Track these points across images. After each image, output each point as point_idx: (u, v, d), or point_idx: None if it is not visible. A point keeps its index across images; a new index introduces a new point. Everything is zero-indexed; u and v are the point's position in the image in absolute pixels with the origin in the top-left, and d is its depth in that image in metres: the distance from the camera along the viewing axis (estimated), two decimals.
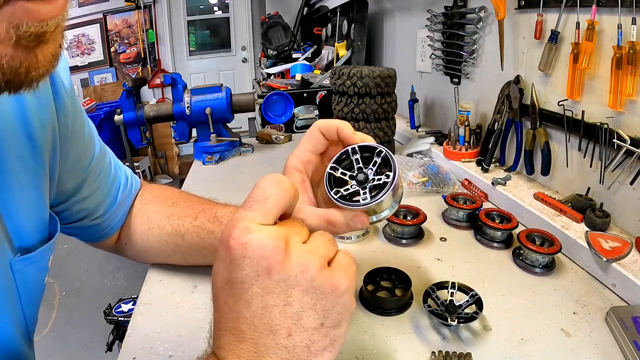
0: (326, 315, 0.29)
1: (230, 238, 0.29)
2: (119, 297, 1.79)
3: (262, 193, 0.31)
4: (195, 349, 0.51)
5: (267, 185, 0.32)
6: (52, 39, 0.25)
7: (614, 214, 0.70)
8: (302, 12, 2.92)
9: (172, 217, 0.62)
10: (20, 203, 0.41)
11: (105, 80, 4.55)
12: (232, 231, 0.29)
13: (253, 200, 0.31)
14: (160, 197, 0.65)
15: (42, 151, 0.43)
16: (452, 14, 1.13)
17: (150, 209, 0.63)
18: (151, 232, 0.62)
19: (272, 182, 0.32)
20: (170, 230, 0.61)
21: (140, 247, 0.64)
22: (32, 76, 0.26)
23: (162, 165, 4.34)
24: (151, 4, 4.41)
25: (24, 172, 0.41)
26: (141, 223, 0.63)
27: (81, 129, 0.52)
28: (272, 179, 0.32)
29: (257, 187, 0.32)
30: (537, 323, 0.54)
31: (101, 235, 0.60)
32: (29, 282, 0.43)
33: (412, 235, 0.76)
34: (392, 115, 1.14)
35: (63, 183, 0.50)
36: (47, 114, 0.44)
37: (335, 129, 0.40)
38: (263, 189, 0.31)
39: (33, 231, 0.43)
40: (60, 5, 0.24)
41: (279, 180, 0.32)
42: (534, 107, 0.85)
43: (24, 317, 0.43)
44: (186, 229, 0.61)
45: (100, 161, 0.57)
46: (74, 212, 0.54)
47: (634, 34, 0.61)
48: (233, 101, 1.29)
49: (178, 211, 0.62)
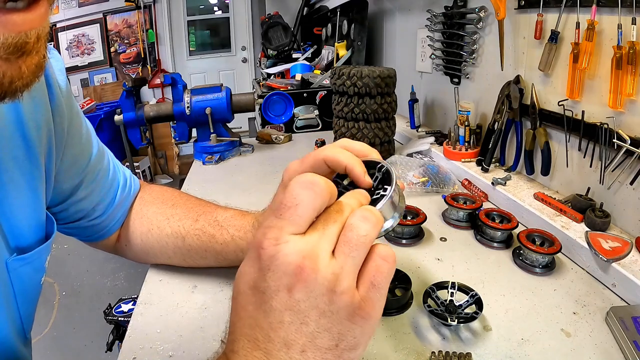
0: (341, 338, 0.28)
1: (260, 247, 0.28)
2: (119, 297, 1.78)
3: (294, 198, 0.29)
4: (195, 349, 0.51)
5: (299, 188, 0.29)
6: (35, 50, 0.25)
7: (614, 214, 0.70)
8: (302, 12, 2.92)
9: (172, 218, 0.62)
10: (16, 203, 0.41)
11: (105, 80, 4.55)
12: (263, 241, 0.28)
13: (284, 207, 0.29)
14: (160, 198, 0.65)
15: (37, 152, 0.43)
16: (452, 14, 1.13)
17: (150, 210, 0.63)
18: (151, 233, 0.62)
19: (304, 184, 0.30)
20: (170, 232, 0.61)
21: (140, 248, 0.64)
22: (15, 86, 0.25)
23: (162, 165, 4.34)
24: (151, 4, 4.41)
25: (19, 172, 0.41)
26: (141, 224, 0.63)
27: (78, 130, 0.52)
28: (305, 181, 0.30)
29: (288, 191, 0.30)
30: (537, 323, 0.54)
31: (99, 235, 0.60)
32: (25, 283, 0.43)
33: (412, 235, 0.76)
34: (392, 115, 1.14)
35: (60, 184, 0.50)
36: (42, 115, 0.44)
37: (344, 167, 0.36)
38: (295, 194, 0.29)
39: (29, 231, 0.43)
40: (40, 15, 0.24)
41: (313, 182, 0.30)
42: (534, 107, 0.85)
43: (19, 316, 0.43)
44: (186, 231, 0.61)
45: (99, 162, 0.57)
46: (72, 212, 0.54)
47: (634, 34, 0.61)
48: (233, 101, 1.29)
49: (178, 213, 0.62)
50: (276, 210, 0.29)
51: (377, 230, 0.30)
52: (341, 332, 0.28)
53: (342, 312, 0.28)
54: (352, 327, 0.28)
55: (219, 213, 0.61)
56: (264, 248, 0.28)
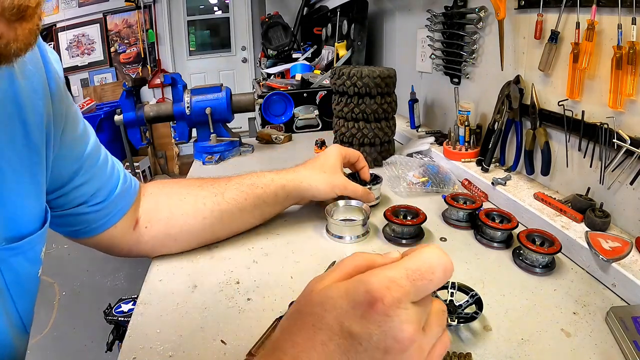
0: None
1: (380, 300, 0.27)
2: (119, 297, 1.79)
3: (431, 273, 0.29)
4: (195, 349, 0.51)
5: (439, 267, 0.29)
6: (32, 16, 0.27)
7: (614, 214, 0.70)
8: (302, 12, 2.92)
9: (205, 185, 0.68)
10: (14, 189, 0.40)
11: (105, 80, 4.55)
12: (386, 295, 0.27)
13: (421, 274, 0.29)
14: (178, 182, 0.70)
15: (36, 137, 0.43)
16: (452, 14, 1.13)
17: (174, 187, 0.68)
18: (183, 202, 0.66)
19: (444, 266, 0.30)
20: (206, 194, 0.67)
21: (164, 225, 0.65)
22: (10, 48, 0.26)
23: (162, 165, 4.35)
24: (151, 4, 4.41)
25: (17, 157, 0.40)
26: (168, 197, 0.66)
27: (76, 117, 0.52)
28: (447, 263, 0.30)
29: (428, 261, 0.29)
30: (537, 323, 0.54)
31: (101, 224, 0.58)
32: (20, 275, 0.42)
33: (412, 235, 0.76)
34: (392, 115, 1.14)
35: (58, 169, 0.50)
36: (41, 99, 0.43)
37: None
38: (433, 269, 0.29)
39: (29, 219, 0.42)
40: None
41: (449, 267, 0.30)
42: (534, 107, 0.85)
43: (15, 310, 0.43)
44: (224, 189, 0.67)
45: (96, 151, 0.57)
46: (72, 198, 0.53)
47: (634, 34, 0.61)
48: (233, 101, 1.29)
49: (207, 185, 0.69)
50: (409, 270, 0.29)
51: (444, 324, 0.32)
52: None
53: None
54: None
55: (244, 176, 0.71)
56: (384, 303, 0.27)
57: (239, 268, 0.67)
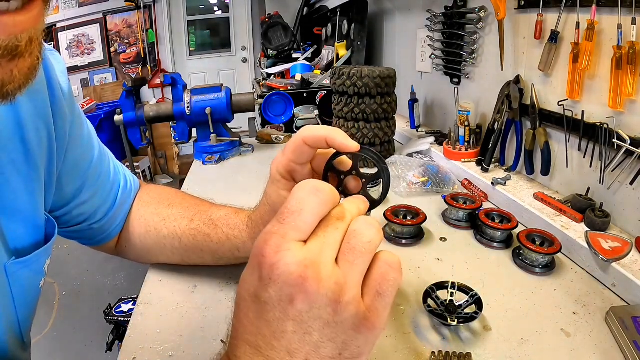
0: (345, 347, 0.28)
1: (261, 255, 0.27)
2: (119, 297, 1.78)
3: (298, 203, 0.28)
4: (195, 349, 0.51)
5: (303, 194, 0.29)
6: (28, 53, 0.24)
7: (614, 214, 0.70)
8: (302, 12, 2.92)
9: (169, 219, 0.62)
10: (14, 206, 0.41)
11: (105, 80, 4.55)
12: (264, 248, 0.27)
13: (287, 212, 0.28)
14: (157, 198, 0.66)
15: (36, 156, 0.43)
16: (452, 14, 1.13)
17: (147, 211, 0.64)
18: (149, 234, 0.62)
19: (309, 190, 0.29)
20: (167, 233, 0.61)
21: (140, 249, 0.64)
22: (7, 90, 0.25)
23: (162, 165, 4.34)
24: (151, 4, 4.41)
25: (17, 175, 0.41)
26: (139, 225, 0.63)
27: (79, 133, 0.52)
28: (311, 187, 0.29)
29: (293, 197, 0.29)
30: (537, 323, 0.54)
31: (101, 239, 0.60)
32: (24, 286, 0.43)
33: (412, 235, 0.76)
34: (392, 115, 1.14)
35: (62, 187, 0.50)
36: (43, 119, 0.44)
37: (324, 139, 0.36)
38: (299, 199, 0.28)
39: (26, 234, 0.43)
40: (33, 16, 0.23)
41: (318, 188, 0.29)
42: (534, 107, 0.85)
43: (17, 320, 0.43)
44: (182, 231, 0.61)
45: (99, 165, 0.57)
46: (74, 216, 0.54)
47: (633, 34, 0.61)
48: (233, 101, 1.29)
49: (174, 213, 0.62)
50: (279, 215, 0.29)
51: (381, 236, 0.30)
52: (345, 341, 0.28)
53: (347, 322, 0.27)
54: (357, 337, 0.28)
55: (213, 212, 0.61)
56: (264, 256, 0.27)
57: (239, 268, 0.67)
